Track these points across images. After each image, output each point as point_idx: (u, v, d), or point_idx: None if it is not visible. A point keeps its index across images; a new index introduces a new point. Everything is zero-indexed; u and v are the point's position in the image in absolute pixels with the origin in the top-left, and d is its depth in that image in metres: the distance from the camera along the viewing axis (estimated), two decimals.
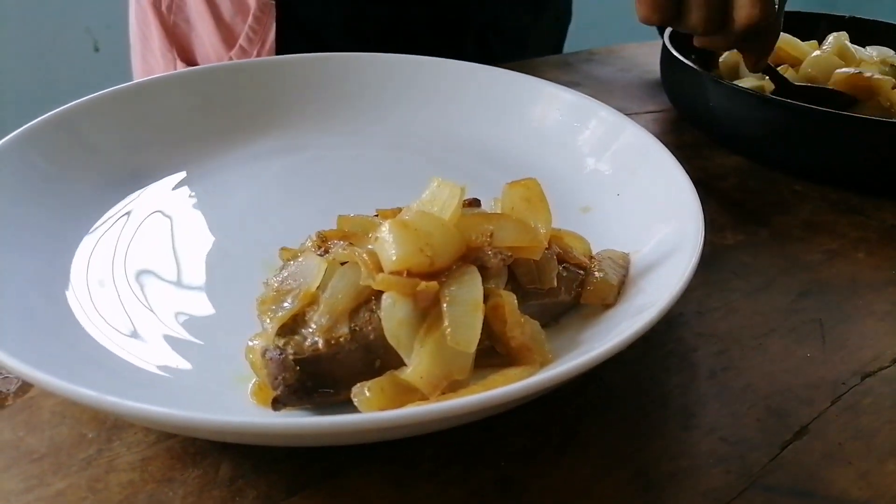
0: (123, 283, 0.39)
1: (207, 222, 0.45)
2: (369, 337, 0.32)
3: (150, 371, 0.34)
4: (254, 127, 0.52)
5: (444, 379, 0.30)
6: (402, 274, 0.31)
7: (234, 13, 0.70)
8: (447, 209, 0.34)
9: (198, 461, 0.31)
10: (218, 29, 0.71)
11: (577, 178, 0.49)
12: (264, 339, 0.32)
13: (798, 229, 0.50)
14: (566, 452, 0.33)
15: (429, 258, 0.32)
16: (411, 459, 0.32)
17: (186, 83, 0.52)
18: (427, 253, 0.32)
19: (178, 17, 0.73)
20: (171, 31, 0.74)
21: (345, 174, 0.50)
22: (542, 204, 0.37)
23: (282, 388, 0.31)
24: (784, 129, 0.54)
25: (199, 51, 0.74)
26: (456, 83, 0.55)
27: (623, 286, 0.38)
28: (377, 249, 0.32)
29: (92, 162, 0.46)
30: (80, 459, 0.31)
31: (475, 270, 0.33)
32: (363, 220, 0.37)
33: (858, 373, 0.38)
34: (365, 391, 0.31)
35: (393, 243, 0.32)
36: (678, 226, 0.40)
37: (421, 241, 0.32)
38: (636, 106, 0.68)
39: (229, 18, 0.70)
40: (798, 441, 0.34)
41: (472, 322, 0.31)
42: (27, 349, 0.31)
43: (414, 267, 0.31)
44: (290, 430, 0.26)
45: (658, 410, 0.35)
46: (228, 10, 0.70)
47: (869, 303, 0.43)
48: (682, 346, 0.39)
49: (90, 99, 0.48)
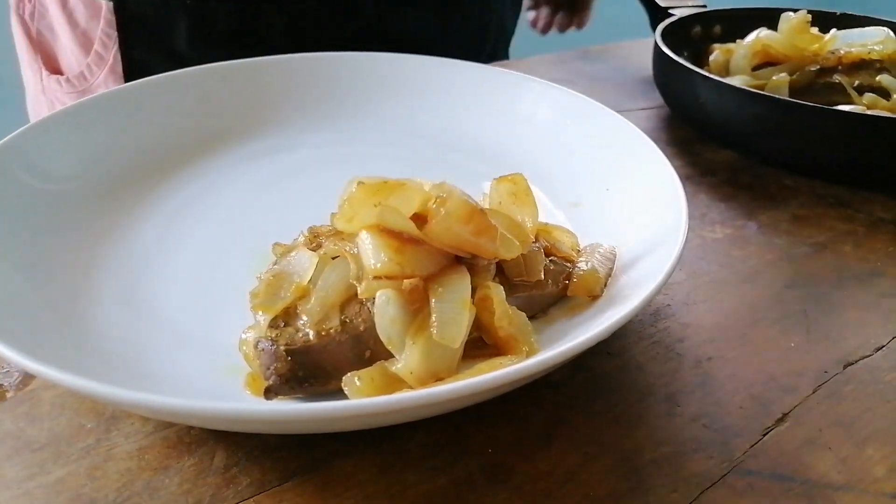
0: (120, 279, 0.40)
1: (203, 220, 0.46)
2: (359, 328, 0.33)
3: (146, 362, 0.35)
4: (246, 127, 0.54)
5: (432, 377, 0.31)
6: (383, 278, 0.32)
7: (89, 17, 0.68)
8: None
9: (193, 450, 0.32)
10: (74, 34, 0.70)
11: (568, 173, 0.50)
12: (257, 331, 0.33)
13: (786, 223, 0.51)
14: (553, 440, 0.33)
15: (401, 267, 0.32)
16: (401, 447, 0.33)
17: (178, 84, 0.53)
18: (404, 268, 0.32)
19: (41, 25, 0.72)
20: (35, 39, 0.73)
21: (336, 172, 0.50)
22: (529, 198, 0.37)
23: (273, 378, 0.32)
24: (773, 124, 0.55)
25: (63, 58, 0.72)
26: (447, 81, 0.56)
27: (610, 279, 0.39)
28: (360, 254, 0.33)
29: (86, 163, 0.47)
30: (79, 448, 0.32)
31: (464, 269, 0.34)
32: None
33: (841, 361, 0.39)
34: (355, 380, 0.32)
35: (372, 252, 0.32)
36: (664, 220, 0.40)
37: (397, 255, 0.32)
38: (629, 103, 0.69)
39: (84, 24, 0.69)
40: (779, 427, 0.35)
41: (458, 319, 0.32)
42: (27, 341, 0.32)
43: (391, 274, 0.32)
44: (279, 416, 0.27)
45: (644, 399, 0.36)
46: (83, 16, 0.69)
47: (854, 294, 0.44)
48: (669, 336, 0.40)
49: (81, 102, 0.49)
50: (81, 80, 0.70)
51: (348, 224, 0.33)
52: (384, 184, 0.33)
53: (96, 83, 0.70)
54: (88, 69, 0.70)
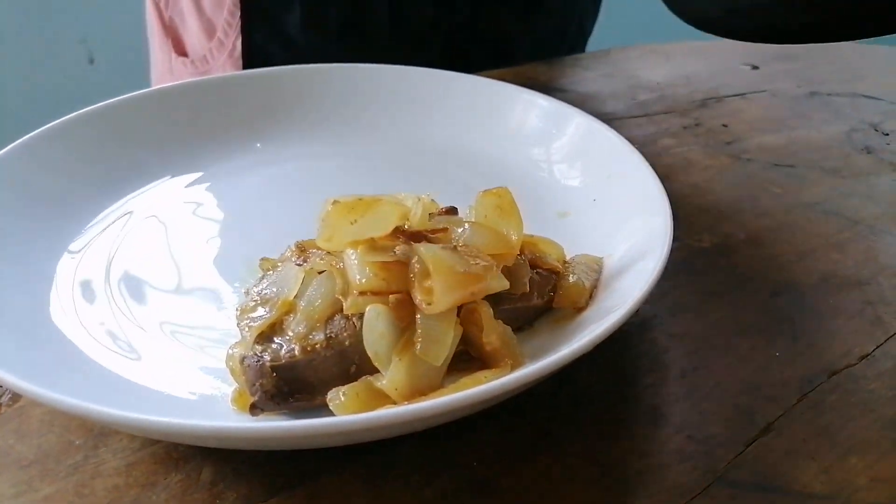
0: (107, 293, 0.40)
1: (190, 233, 0.46)
2: (345, 343, 0.33)
3: (132, 379, 0.35)
4: (236, 139, 0.54)
5: (417, 394, 0.32)
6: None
7: (214, 6, 0.76)
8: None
9: (180, 466, 0.33)
10: (200, 21, 0.77)
11: (555, 183, 0.50)
12: (243, 347, 0.34)
13: (774, 230, 0.51)
14: (538, 453, 0.34)
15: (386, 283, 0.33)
16: (386, 461, 0.33)
17: (169, 98, 0.53)
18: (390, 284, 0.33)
19: (173, 12, 0.80)
20: (167, 25, 0.81)
21: (327, 183, 0.51)
22: (514, 211, 0.38)
23: (259, 393, 0.32)
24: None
25: (188, 42, 0.80)
26: (437, 92, 0.56)
27: (595, 290, 0.39)
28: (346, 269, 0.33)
29: (79, 175, 0.47)
30: (68, 465, 0.33)
31: None
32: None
33: (826, 370, 0.39)
34: (340, 396, 0.32)
35: (357, 268, 0.33)
36: (650, 230, 0.41)
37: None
38: (621, 111, 0.70)
39: (210, 12, 0.76)
40: (763, 438, 0.35)
41: (443, 338, 0.32)
42: (13, 359, 0.32)
43: (376, 290, 0.32)
44: (264, 434, 0.27)
45: (629, 410, 0.36)
46: (209, 4, 0.76)
47: (840, 301, 0.44)
48: (655, 346, 0.40)
49: (81, 113, 0.50)
50: (203, 62, 0.79)
51: (328, 243, 0.34)
52: (359, 202, 0.33)
53: (216, 66, 0.78)
54: (210, 53, 0.78)
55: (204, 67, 0.79)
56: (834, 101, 0.72)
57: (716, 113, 0.69)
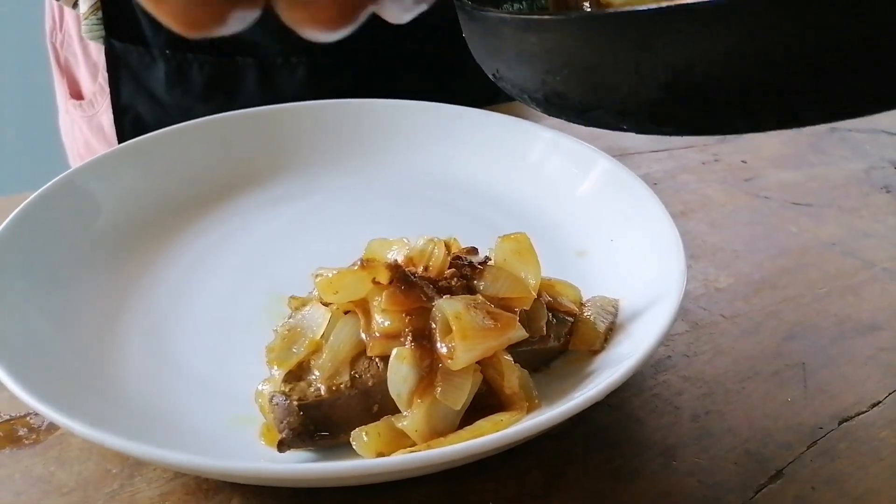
0: (141, 327, 0.43)
1: (221, 268, 0.48)
2: (368, 384, 0.35)
3: (166, 410, 0.37)
4: (260, 174, 0.55)
5: (436, 434, 0.33)
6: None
7: (98, 51, 0.73)
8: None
9: (210, 496, 0.34)
10: (87, 66, 0.75)
11: (574, 222, 0.51)
12: (272, 384, 0.35)
13: (790, 271, 0.52)
14: (551, 495, 0.35)
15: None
16: (404, 499, 0.34)
17: (189, 134, 0.55)
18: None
19: (67, 53, 0.78)
20: (62, 65, 0.79)
21: (352, 218, 0.53)
22: (532, 256, 0.39)
23: (287, 431, 0.34)
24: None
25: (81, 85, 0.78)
26: (456, 128, 0.57)
27: (611, 332, 0.41)
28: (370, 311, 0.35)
29: (103, 215, 0.49)
30: (105, 493, 0.34)
31: None
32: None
33: (837, 417, 0.40)
34: (363, 435, 0.33)
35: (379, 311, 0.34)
36: (665, 272, 0.42)
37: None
38: (641, 145, 0.71)
39: (95, 56, 0.74)
40: (773, 484, 0.36)
41: (462, 384, 0.33)
42: (50, 389, 0.34)
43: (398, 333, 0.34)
44: (290, 475, 0.29)
45: (641, 453, 0.37)
46: (95, 49, 0.74)
47: (853, 346, 0.45)
48: (668, 389, 0.41)
49: (97, 158, 0.52)
50: (90, 107, 0.77)
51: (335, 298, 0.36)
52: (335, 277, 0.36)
53: (100, 111, 0.76)
54: (95, 98, 0.76)
55: (91, 111, 0.76)
56: (854, 136, 0.72)
57: (735, 148, 0.69)
